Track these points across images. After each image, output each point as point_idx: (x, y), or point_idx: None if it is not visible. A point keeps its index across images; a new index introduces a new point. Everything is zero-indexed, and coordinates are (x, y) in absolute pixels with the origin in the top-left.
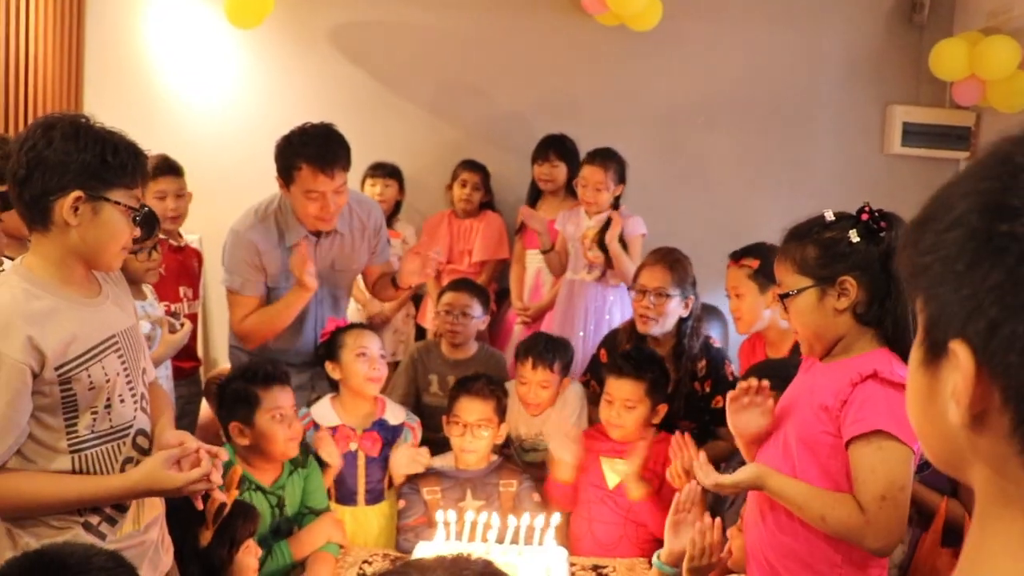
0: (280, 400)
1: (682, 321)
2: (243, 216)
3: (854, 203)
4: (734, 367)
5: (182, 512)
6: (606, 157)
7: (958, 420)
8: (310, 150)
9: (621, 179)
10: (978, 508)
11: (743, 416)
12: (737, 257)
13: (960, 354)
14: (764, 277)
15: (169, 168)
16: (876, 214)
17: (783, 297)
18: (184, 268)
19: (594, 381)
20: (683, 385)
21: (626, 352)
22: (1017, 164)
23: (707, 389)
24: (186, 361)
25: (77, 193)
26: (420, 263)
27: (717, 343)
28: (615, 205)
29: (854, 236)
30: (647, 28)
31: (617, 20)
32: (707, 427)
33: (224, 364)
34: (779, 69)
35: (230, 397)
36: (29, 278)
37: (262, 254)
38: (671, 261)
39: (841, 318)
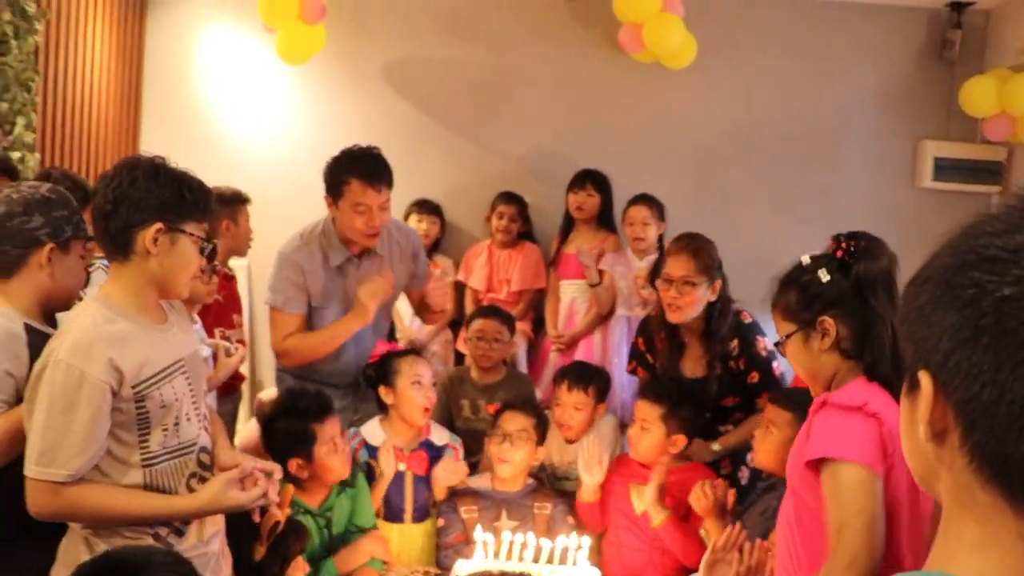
0: (332, 431)
1: (710, 304)
2: (290, 239)
3: (887, 236)
4: (767, 342)
5: (238, 528)
6: (649, 199)
7: (924, 436)
8: (359, 167)
9: (662, 218)
10: (943, 513)
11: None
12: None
13: (923, 380)
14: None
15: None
16: (851, 245)
17: (777, 344)
18: (234, 296)
19: (640, 367)
20: (714, 366)
21: (656, 377)
22: (981, 232)
23: (742, 367)
24: (233, 379)
25: (158, 225)
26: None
27: (749, 318)
28: (660, 244)
29: (824, 275)
30: (682, 66)
31: (653, 58)
32: (751, 402)
33: (270, 386)
34: (812, 105)
35: (284, 436)
36: (107, 304)
37: (306, 274)
38: (694, 248)
39: (828, 357)
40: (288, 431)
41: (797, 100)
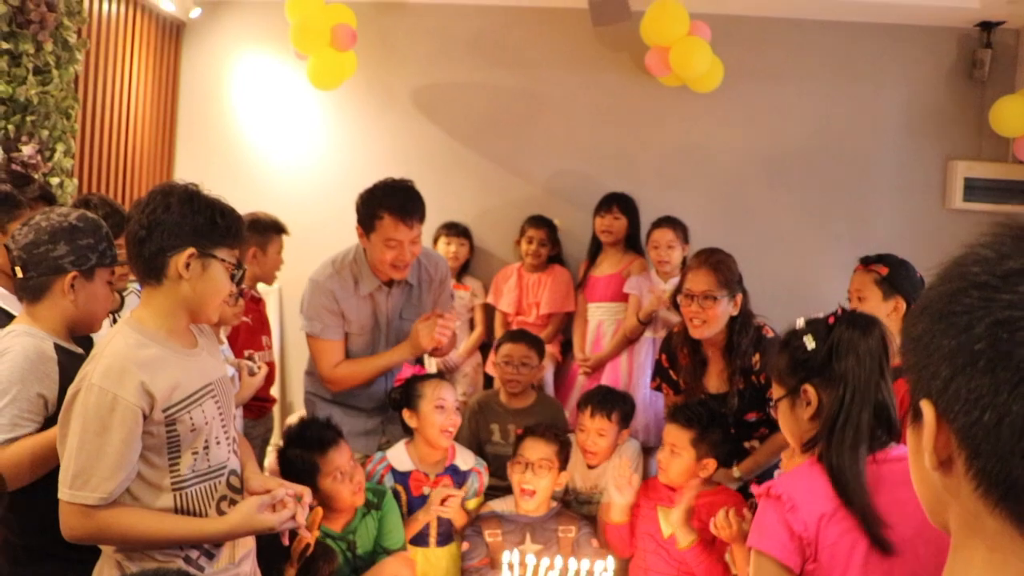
0: (337, 461)
1: (732, 319)
2: (321, 267)
3: (917, 258)
4: None
5: (269, 550)
6: (673, 221)
7: (930, 465)
8: (392, 201)
9: (687, 240)
10: (953, 541)
11: None
12: (868, 262)
13: (925, 410)
14: (890, 286)
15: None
16: (844, 313)
17: (770, 405)
18: (262, 318)
19: (664, 383)
20: (736, 380)
21: (685, 400)
22: (970, 260)
23: (763, 381)
24: (264, 402)
25: (191, 250)
26: (429, 326)
27: (771, 333)
28: (684, 267)
29: (809, 342)
30: (709, 89)
31: (680, 81)
32: (773, 417)
33: (300, 409)
34: (840, 126)
35: (290, 466)
36: (139, 329)
37: (339, 301)
38: (715, 263)
39: (812, 425)
40: (296, 460)
41: (825, 122)
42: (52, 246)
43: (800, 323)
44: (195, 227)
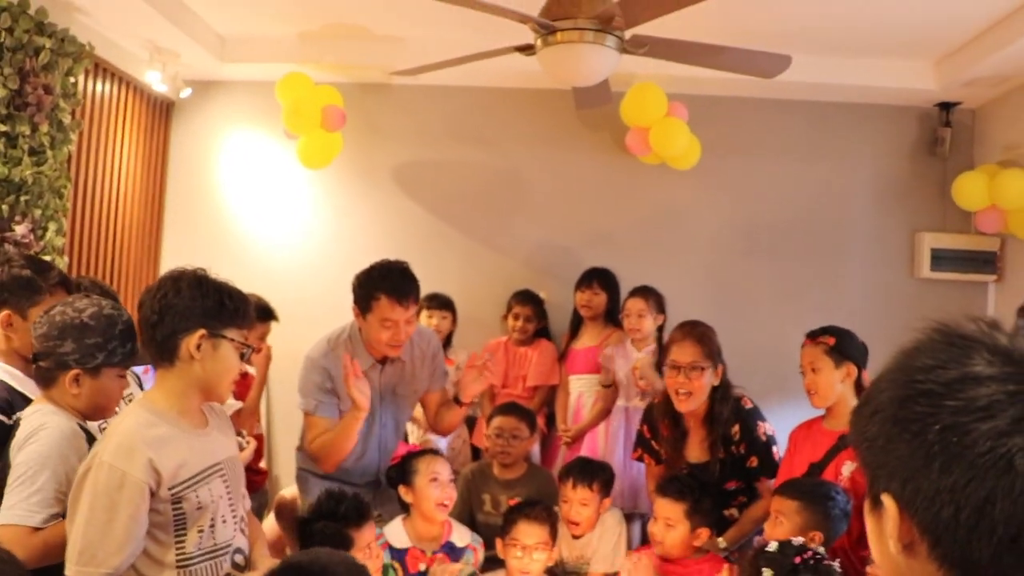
0: (369, 536)
1: (713, 389)
2: (317, 344)
3: (889, 325)
4: (767, 427)
5: None
6: (645, 290)
7: (894, 550)
8: (388, 283)
9: (660, 310)
10: None
11: None
12: (814, 336)
13: (887, 503)
14: (839, 354)
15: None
16: (813, 558)
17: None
18: (247, 389)
19: (646, 454)
20: (717, 449)
21: (677, 476)
22: (914, 367)
23: (743, 451)
24: (255, 475)
25: (202, 332)
26: (476, 373)
27: (750, 404)
28: (659, 336)
29: (766, 574)
30: (687, 167)
31: (659, 160)
32: (751, 486)
33: (289, 484)
34: (812, 200)
35: (321, 537)
36: (150, 408)
37: (334, 379)
38: (699, 335)
39: None
40: (326, 534)
41: (798, 196)
42: (60, 342)
43: (773, 546)
44: (205, 310)
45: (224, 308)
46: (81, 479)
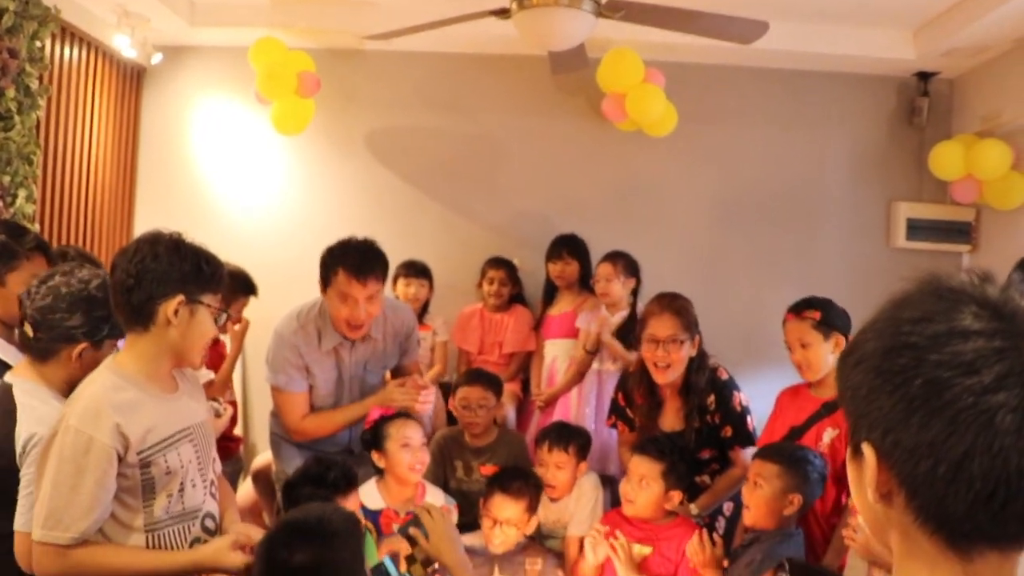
0: (354, 504)
1: (690, 360)
2: (286, 320)
3: (864, 295)
4: (742, 398)
5: None
6: (615, 255)
7: (872, 499)
8: (348, 259)
9: (631, 274)
10: (895, 562)
11: None
12: (798, 311)
13: (866, 453)
14: (826, 326)
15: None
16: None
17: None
18: (222, 359)
19: (620, 421)
20: (692, 419)
21: (654, 437)
22: (901, 319)
23: (717, 420)
24: (230, 442)
25: (180, 297)
26: (404, 392)
27: (725, 375)
28: (634, 300)
29: None
30: (663, 134)
31: (635, 126)
32: (725, 455)
33: (265, 450)
34: (789, 170)
35: (298, 504)
36: (119, 372)
37: (304, 356)
38: (677, 308)
39: None
40: (312, 500)
41: (774, 165)
42: (67, 315)
43: None
44: (183, 274)
45: (202, 273)
46: (48, 443)
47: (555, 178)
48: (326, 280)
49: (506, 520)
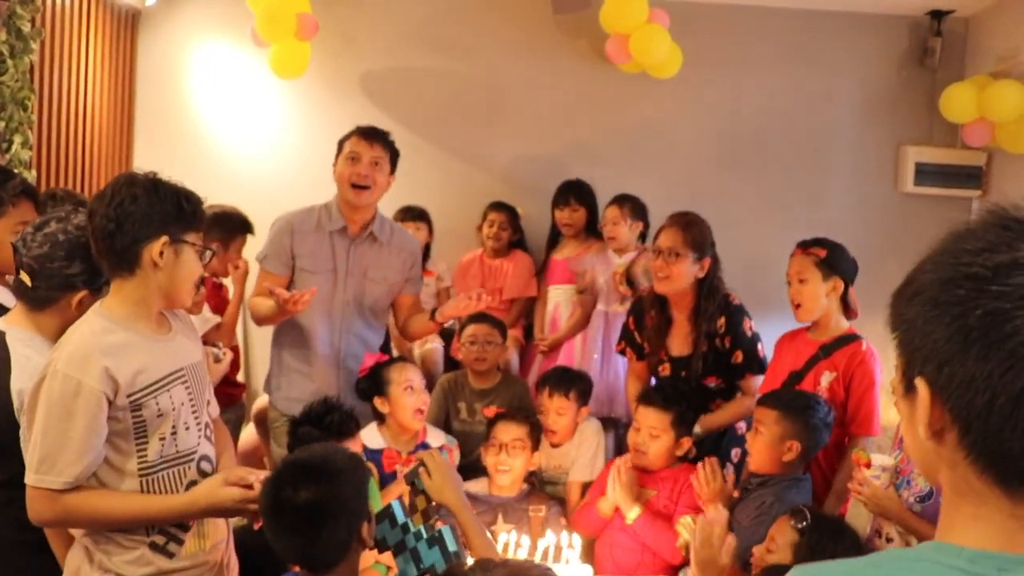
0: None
1: (699, 282)
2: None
3: (870, 240)
4: (752, 325)
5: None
6: (622, 198)
7: (924, 435)
8: (360, 128)
9: (638, 217)
10: (944, 499)
11: None
12: (806, 246)
13: (920, 387)
14: (828, 267)
15: None
16: None
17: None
18: (224, 304)
19: (628, 347)
20: (700, 343)
21: (658, 385)
22: (962, 249)
23: (727, 345)
24: (233, 388)
25: (164, 238)
26: (467, 301)
27: (737, 300)
28: (642, 244)
29: None
30: (668, 76)
31: (639, 68)
32: (732, 383)
33: (265, 396)
34: (796, 111)
35: (305, 441)
36: (106, 316)
37: (295, 234)
38: (685, 223)
39: None
40: (311, 438)
41: (782, 107)
42: (66, 263)
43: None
44: (164, 215)
45: (183, 212)
46: (36, 388)
47: (557, 121)
48: (339, 150)
49: (511, 443)
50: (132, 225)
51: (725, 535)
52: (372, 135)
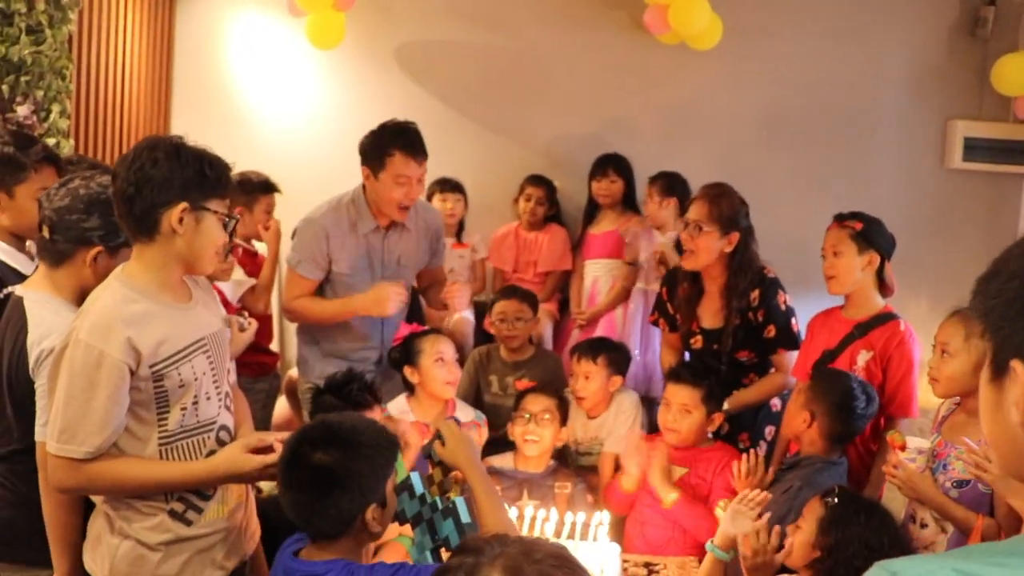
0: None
1: (729, 257)
2: (318, 206)
3: (914, 217)
4: (787, 299)
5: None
6: (659, 176)
7: (1017, 419)
8: (403, 139)
9: (670, 193)
10: None
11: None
12: (842, 219)
13: (1018, 370)
14: (864, 240)
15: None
16: None
17: None
18: (259, 272)
19: (661, 318)
20: (732, 317)
21: (687, 361)
22: None
23: (760, 318)
24: (266, 356)
25: (183, 205)
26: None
27: (772, 273)
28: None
29: None
30: (708, 47)
31: (678, 39)
32: (765, 357)
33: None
34: (840, 84)
35: (326, 410)
36: (129, 284)
37: (331, 239)
38: (713, 196)
39: None
40: (331, 407)
41: (825, 80)
42: (85, 216)
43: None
44: (185, 181)
45: (205, 178)
46: (58, 357)
47: (594, 94)
48: (379, 163)
49: (540, 413)
50: (151, 190)
51: (772, 539)
52: (418, 151)
